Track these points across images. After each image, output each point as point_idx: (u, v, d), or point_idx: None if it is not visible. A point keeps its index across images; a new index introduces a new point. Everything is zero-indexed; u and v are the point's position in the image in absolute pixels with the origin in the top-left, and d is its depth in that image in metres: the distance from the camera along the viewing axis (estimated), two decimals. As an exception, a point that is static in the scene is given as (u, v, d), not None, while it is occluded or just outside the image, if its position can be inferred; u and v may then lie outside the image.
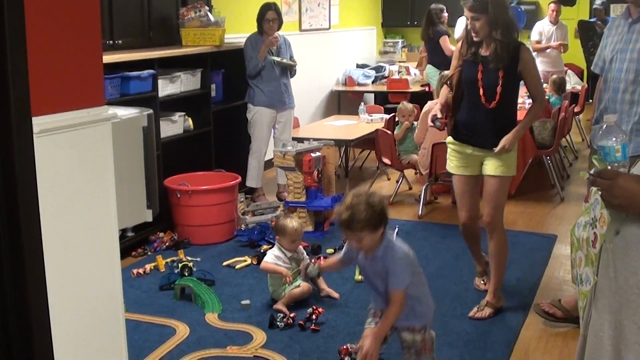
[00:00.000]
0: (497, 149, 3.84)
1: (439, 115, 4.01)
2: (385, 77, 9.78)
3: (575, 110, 8.37)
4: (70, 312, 2.18)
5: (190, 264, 4.54)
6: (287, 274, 4.14)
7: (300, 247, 4.41)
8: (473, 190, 4.06)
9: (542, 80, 4.25)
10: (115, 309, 2.41)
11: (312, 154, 5.53)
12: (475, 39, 3.85)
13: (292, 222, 4.30)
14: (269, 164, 6.65)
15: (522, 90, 8.21)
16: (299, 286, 4.15)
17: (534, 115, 4.04)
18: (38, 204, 1.99)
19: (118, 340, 2.43)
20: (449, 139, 4.06)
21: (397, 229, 5.28)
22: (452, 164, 4.06)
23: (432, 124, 4.03)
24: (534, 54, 9.40)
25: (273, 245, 4.45)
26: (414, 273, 3.01)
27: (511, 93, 3.91)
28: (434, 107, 4.14)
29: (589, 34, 10.05)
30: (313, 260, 3.41)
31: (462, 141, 3.98)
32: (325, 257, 3.44)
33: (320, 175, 5.56)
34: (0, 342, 1.98)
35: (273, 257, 4.23)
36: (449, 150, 4.07)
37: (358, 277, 4.50)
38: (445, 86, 4.12)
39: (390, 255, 2.95)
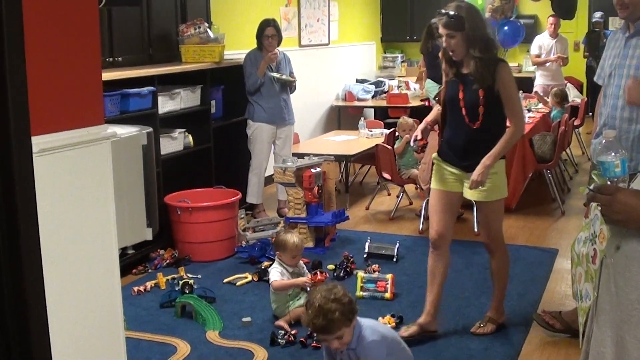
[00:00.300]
0: (469, 185, 3.68)
1: (419, 137, 3.88)
2: (385, 92, 9.80)
3: (575, 123, 8.39)
4: (70, 330, 2.18)
5: (191, 281, 4.53)
6: (305, 280, 4.14)
7: (301, 262, 4.41)
8: (446, 207, 3.85)
9: (521, 103, 3.97)
10: (116, 327, 2.41)
11: (313, 170, 5.53)
12: (454, 58, 3.68)
13: (292, 238, 4.30)
14: (269, 180, 6.65)
15: (522, 104, 8.25)
16: (303, 305, 4.14)
17: (507, 141, 3.67)
18: (38, 223, 1.99)
19: (118, 358, 2.43)
20: (434, 154, 3.94)
21: (397, 244, 5.28)
22: (433, 179, 3.94)
23: (412, 145, 3.95)
24: (534, 67, 9.50)
25: (274, 261, 4.44)
26: (393, 352, 3.05)
27: (495, 112, 3.68)
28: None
29: (596, 44, 10.11)
30: None
31: (444, 160, 3.85)
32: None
33: (320, 191, 5.56)
34: (0, 362, 1.98)
35: (279, 275, 4.21)
36: (434, 165, 3.95)
37: (359, 293, 4.50)
38: (437, 104, 4.02)
39: (362, 345, 2.98)
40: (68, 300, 2.16)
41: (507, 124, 3.73)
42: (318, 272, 4.22)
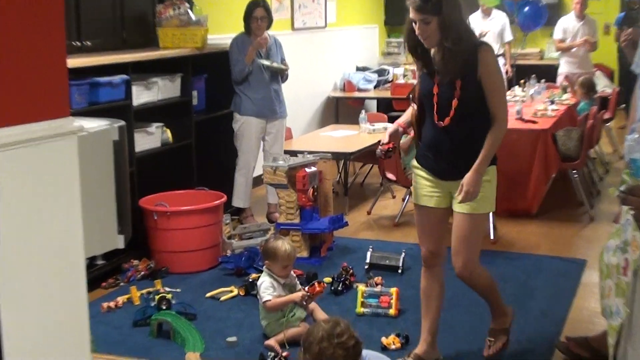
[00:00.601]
0: (460, 197, 3.53)
1: (385, 141, 3.75)
2: (389, 82, 9.82)
3: (605, 116, 8.39)
4: (28, 353, 2.16)
5: (169, 296, 4.53)
6: (301, 294, 4.14)
7: (292, 272, 4.40)
8: (434, 224, 3.79)
9: (505, 96, 3.81)
10: (81, 348, 2.39)
11: (307, 169, 5.53)
12: (426, 45, 3.56)
13: (283, 245, 4.29)
14: (258, 181, 6.65)
15: (545, 95, 8.27)
16: (299, 322, 4.13)
17: (493, 142, 3.54)
18: (-8, 229, 1.98)
19: (85, 384, 2.41)
20: (414, 162, 3.84)
21: (403, 254, 5.27)
22: (414, 192, 3.84)
23: (377, 151, 3.81)
24: (558, 53, 9.50)
25: (262, 273, 4.43)
26: None
27: (474, 107, 3.55)
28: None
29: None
30: None
31: (422, 166, 3.76)
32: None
33: (315, 193, 5.57)
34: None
35: (271, 291, 4.20)
36: (413, 175, 3.86)
37: (360, 309, 4.49)
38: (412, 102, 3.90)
39: None
40: (26, 318, 2.14)
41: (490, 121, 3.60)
42: (315, 283, 4.21)
